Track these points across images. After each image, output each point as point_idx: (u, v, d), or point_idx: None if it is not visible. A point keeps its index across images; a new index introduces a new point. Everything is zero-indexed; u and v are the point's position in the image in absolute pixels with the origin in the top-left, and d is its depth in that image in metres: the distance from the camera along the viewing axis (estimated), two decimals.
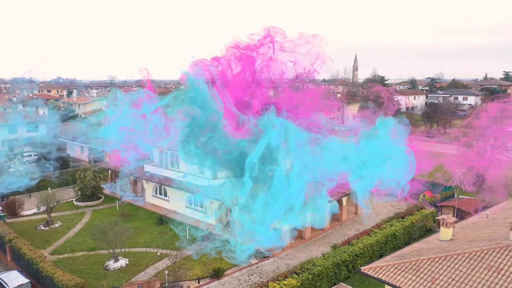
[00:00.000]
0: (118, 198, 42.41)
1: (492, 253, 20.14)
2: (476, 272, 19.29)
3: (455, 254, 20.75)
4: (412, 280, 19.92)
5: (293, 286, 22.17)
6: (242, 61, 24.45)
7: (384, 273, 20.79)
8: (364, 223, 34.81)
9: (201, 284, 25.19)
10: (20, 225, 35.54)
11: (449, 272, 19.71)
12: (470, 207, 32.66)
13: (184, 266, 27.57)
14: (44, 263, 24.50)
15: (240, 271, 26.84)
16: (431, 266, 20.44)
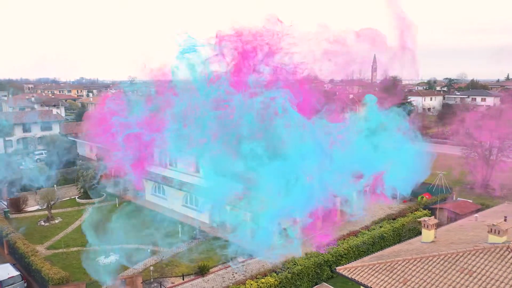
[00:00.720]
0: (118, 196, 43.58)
1: (467, 255, 20.01)
2: (449, 274, 19.22)
3: (430, 256, 20.69)
4: (384, 281, 19.97)
5: (270, 285, 22.47)
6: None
7: (358, 273, 20.88)
8: (357, 224, 34.69)
9: (186, 281, 25.71)
10: (22, 220, 36.87)
11: (422, 274, 19.68)
12: (465, 209, 32.22)
13: (172, 263, 28.21)
14: (35, 257, 25.50)
15: (225, 269, 27.26)
16: (405, 267, 20.44)
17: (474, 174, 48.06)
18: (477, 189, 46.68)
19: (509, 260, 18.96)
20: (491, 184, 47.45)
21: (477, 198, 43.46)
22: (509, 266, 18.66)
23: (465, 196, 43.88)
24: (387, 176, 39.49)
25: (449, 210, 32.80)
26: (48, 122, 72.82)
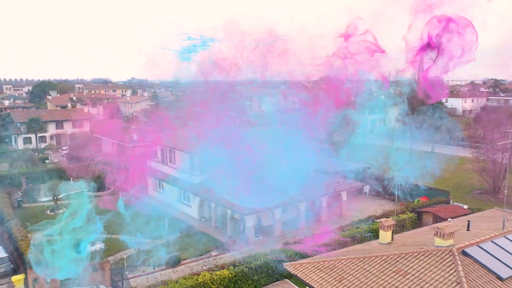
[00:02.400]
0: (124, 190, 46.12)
1: (408, 257, 19.96)
2: (384, 274, 19.32)
3: (372, 256, 20.79)
4: (322, 278, 20.36)
5: (224, 277, 23.43)
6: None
7: (301, 270, 21.37)
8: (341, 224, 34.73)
9: (155, 271, 27.23)
10: (32, 209, 40.16)
11: (359, 273, 19.89)
12: (449, 214, 31.44)
13: (150, 253, 29.83)
14: (23, 241, 28.01)
15: (196, 262, 28.49)
16: (346, 266, 20.68)
17: (486, 179, 46.24)
18: (488, 195, 44.95)
19: (447, 263, 18.76)
20: (502, 190, 45.48)
21: (480, 203, 41.97)
22: (444, 269, 18.49)
23: (471, 201, 42.48)
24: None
25: (434, 214, 32.12)
26: (80, 119, 77.66)
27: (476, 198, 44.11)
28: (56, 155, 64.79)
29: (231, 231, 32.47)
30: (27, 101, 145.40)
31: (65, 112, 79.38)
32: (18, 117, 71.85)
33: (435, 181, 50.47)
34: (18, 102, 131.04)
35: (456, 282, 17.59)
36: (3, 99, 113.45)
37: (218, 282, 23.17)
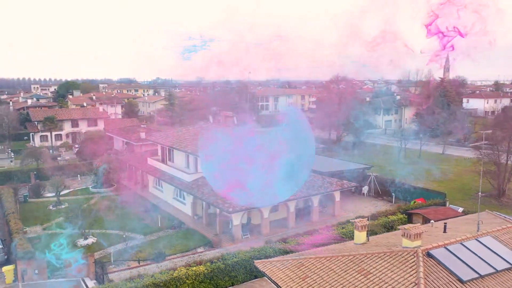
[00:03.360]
0: (127, 187, 47.39)
1: (374, 257, 20.01)
2: (347, 273, 19.44)
3: (339, 256, 20.91)
4: (287, 275, 20.62)
5: (199, 273, 23.98)
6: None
7: (270, 268, 21.68)
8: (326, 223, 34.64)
9: (140, 265, 28.04)
10: (37, 204, 41.83)
11: (323, 272, 20.06)
12: (439, 216, 30.99)
13: (137, 248, 30.74)
14: (18, 234, 29.37)
15: (181, 258, 29.14)
16: (312, 265, 20.87)
17: (491, 182, 45.15)
18: (492, 198, 43.91)
19: (410, 264, 18.74)
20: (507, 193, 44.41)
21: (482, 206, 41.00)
22: (406, 270, 18.48)
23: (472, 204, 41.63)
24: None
25: (423, 215, 31.76)
26: (94, 118, 79.95)
27: (476, 201, 43.08)
28: (68, 152, 66.94)
29: (221, 229, 33.01)
30: (51, 100, 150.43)
31: (80, 111, 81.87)
32: (36, 116, 74.63)
33: (439, 183, 49.89)
34: (42, 101, 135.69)
35: (414, 283, 17.59)
36: (26, 98, 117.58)
37: (193, 278, 23.73)
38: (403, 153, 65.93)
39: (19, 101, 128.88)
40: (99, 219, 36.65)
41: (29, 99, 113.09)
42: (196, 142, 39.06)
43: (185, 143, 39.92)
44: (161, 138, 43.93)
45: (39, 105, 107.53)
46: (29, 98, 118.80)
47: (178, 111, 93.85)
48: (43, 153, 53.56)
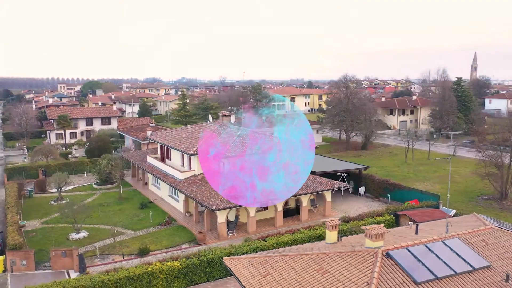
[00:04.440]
0: (130, 184, 48.79)
1: (334, 257, 20.13)
2: (305, 272, 19.64)
3: (303, 255, 21.09)
4: (250, 272, 20.96)
5: (174, 268, 24.62)
6: None
7: (236, 264, 22.06)
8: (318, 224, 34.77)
9: (124, 259, 28.94)
10: (40, 199, 43.55)
11: (284, 269, 20.31)
12: (425, 218, 30.62)
13: (125, 243, 31.69)
14: (11, 226, 30.79)
15: (165, 253, 29.86)
16: (275, 262, 21.14)
17: (493, 185, 44.01)
18: (494, 201, 42.84)
19: (367, 264, 18.78)
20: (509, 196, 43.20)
21: (482, 209, 40.16)
22: (362, 269, 18.54)
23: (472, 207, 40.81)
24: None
25: (410, 217, 31.44)
26: (108, 117, 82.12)
27: (479, 204, 42.22)
28: (80, 150, 69.04)
29: (208, 226, 33.63)
30: (74, 99, 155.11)
31: (95, 109, 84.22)
32: (52, 114, 77.29)
33: (442, 185, 48.98)
34: (64, 100, 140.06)
35: (367, 282, 17.66)
36: (48, 98, 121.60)
37: (167, 273, 24.39)
38: (412, 154, 64.91)
39: (43, 100, 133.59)
40: (95, 215, 37.95)
41: (51, 98, 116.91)
42: (191, 141, 39.88)
43: (180, 142, 40.71)
44: (160, 137, 44.90)
45: (59, 104, 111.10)
46: (51, 97, 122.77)
47: (190, 110, 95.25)
48: (52, 150, 55.51)
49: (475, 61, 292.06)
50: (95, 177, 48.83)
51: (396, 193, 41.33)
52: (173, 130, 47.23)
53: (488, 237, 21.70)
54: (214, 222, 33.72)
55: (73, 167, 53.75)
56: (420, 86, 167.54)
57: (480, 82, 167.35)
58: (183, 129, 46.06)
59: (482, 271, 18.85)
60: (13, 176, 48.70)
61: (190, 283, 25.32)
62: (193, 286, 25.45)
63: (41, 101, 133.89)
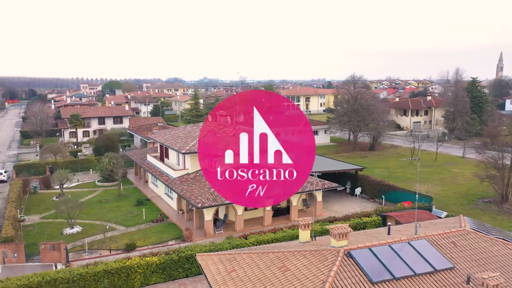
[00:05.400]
0: (132, 182, 49.99)
1: (298, 255, 20.39)
2: (268, 269, 19.98)
3: (270, 253, 21.42)
4: (217, 269, 21.43)
5: (152, 263, 25.33)
6: None
7: (206, 261, 22.54)
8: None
9: (111, 254, 29.87)
10: (44, 195, 45.16)
11: (249, 267, 20.70)
12: (412, 219, 30.40)
13: (115, 239, 32.66)
14: (7, 220, 32.20)
15: (151, 249, 30.61)
16: (242, 260, 21.53)
17: (494, 187, 43.09)
18: (493, 204, 41.98)
19: (327, 263, 18.98)
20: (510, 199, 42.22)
21: (479, 212, 39.49)
22: (321, 268, 18.77)
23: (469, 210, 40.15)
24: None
25: (395, 218, 31.27)
26: (120, 116, 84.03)
27: (477, 207, 41.45)
28: (90, 148, 70.90)
29: (197, 223, 34.27)
30: (94, 99, 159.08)
31: (107, 109, 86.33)
32: (65, 113, 79.67)
33: (443, 187, 48.29)
34: (84, 100, 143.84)
35: (322, 280, 17.89)
36: (67, 97, 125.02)
37: (145, 267, 25.12)
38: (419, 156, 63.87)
39: (63, 100, 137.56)
40: (92, 211, 39.17)
41: (69, 97, 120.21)
42: (186, 140, 40.64)
43: (176, 141, 41.51)
44: (159, 136, 45.86)
45: (76, 103, 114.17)
46: (69, 97, 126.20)
47: (202, 110, 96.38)
48: (60, 148, 57.33)
49: (501, 60, 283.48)
50: (98, 174, 50.22)
51: (390, 194, 41.03)
52: (172, 129, 48.18)
53: (459, 239, 21.53)
54: (203, 220, 34.30)
55: (79, 165, 55.41)
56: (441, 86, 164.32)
57: (502, 82, 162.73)
58: (182, 128, 46.92)
59: (444, 273, 18.78)
60: (21, 172, 50.62)
61: (168, 278, 25.97)
62: (172, 281, 26.09)
63: (61, 100, 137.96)
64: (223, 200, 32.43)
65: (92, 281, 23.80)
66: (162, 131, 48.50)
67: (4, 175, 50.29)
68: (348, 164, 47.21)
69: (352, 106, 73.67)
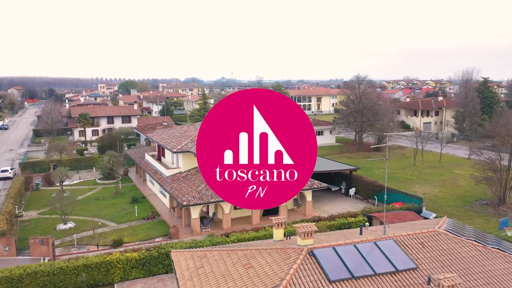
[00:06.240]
0: (131, 180, 51.03)
1: (265, 253, 20.70)
2: (234, 266, 20.37)
3: (238, 250, 21.80)
4: (187, 265, 21.92)
5: (132, 259, 26.01)
6: None
7: (179, 257, 23.04)
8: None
9: (98, 249, 30.73)
10: (45, 192, 46.56)
11: (216, 263, 21.12)
12: (394, 220, 30.31)
13: (104, 235, 33.55)
14: (2, 215, 33.44)
15: (139, 245, 31.35)
16: (212, 257, 21.96)
17: (492, 189, 42.35)
18: (490, 206, 41.30)
19: (289, 261, 19.27)
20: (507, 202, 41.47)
21: (474, 215, 38.98)
22: (282, 266, 19.06)
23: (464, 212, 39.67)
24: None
25: (379, 219, 31.23)
26: (128, 116, 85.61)
27: (473, 209, 40.87)
28: (96, 147, 72.53)
29: (186, 221, 34.90)
30: (109, 98, 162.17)
31: (116, 108, 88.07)
32: (75, 113, 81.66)
33: (441, 188, 47.73)
34: (99, 99, 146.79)
35: (281, 278, 18.19)
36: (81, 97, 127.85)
37: (124, 263, 25.81)
38: (421, 156, 63.28)
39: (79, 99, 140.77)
40: (87, 208, 40.25)
41: (82, 97, 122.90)
42: (180, 139, 41.32)
43: (171, 140, 42.24)
44: (156, 135, 46.71)
45: (90, 103, 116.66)
46: (83, 96, 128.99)
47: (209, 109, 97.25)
48: (65, 146, 58.90)
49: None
50: (99, 172, 51.45)
51: (383, 195, 40.75)
52: (170, 129, 48.99)
53: (428, 240, 21.51)
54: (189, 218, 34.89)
55: (83, 163, 56.81)
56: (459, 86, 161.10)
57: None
58: (179, 128, 47.66)
59: (406, 273, 18.84)
60: (27, 170, 52.25)
61: (148, 273, 26.60)
62: (151, 277, 26.71)
63: (76, 100, 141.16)
64: (209, 198, 32.92)
65: (72, 275, 24.63)
66: (160, 131, 49.36)
67: (10, 172, 52.00)
68: (342, 164, 47.13)
69: (356, 106, 73.28)
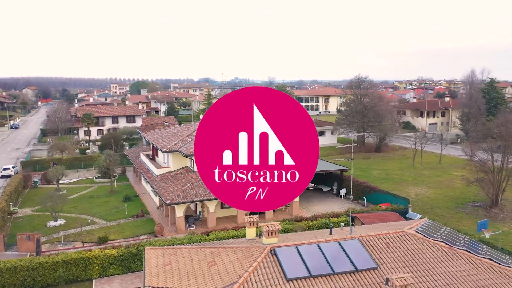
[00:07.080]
0: (128, 179, 51.86)
1: (229, 251, 21.10)
2: (198, 264, 20.83)
3: (206, 248, 22.22)
4: (157, 261, 22.41)
5: (110, 255, 26.66)
6: None
7: (152, 255, 23.55)
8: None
9: (84, 246, 31.47)
10: (43, 189, 47.64)
11: (183, 260, 21.59)
12: (375, 221, 30.34)
13: (92, 232, 34.33)
14: None
15: (124, 242, 31.95)
16: (181, 254, 22.44)
17: (484, 191, 41.88)
18: (482, 209, 40.87)
19: (251, 259, 19.61)
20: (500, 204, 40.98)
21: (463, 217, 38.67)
22: (244, 263, 19.42)
23: (455, 214, 39.39)
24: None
25: (360, 219, 31.27)
26: (133, 115, 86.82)
27: (464, 211, 40.51)
28: (91, 145, 73.79)
29: (172, 220, 35.46)
30: (119, 98, 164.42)
31: (121, 108, 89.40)
32: (80, 113, 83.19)
33: (435, 190, 47.37)
34: (109, 99, 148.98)
35: (239, 275, 18.55)
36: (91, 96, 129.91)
37: (103, 259, 26.47)
38: (421, 157, 62.78)
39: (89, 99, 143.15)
40: (80, 205, 41.17)
41: (91, 97, 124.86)
42: (171, 139, 41.93)
43: (163, 139, 42.88)
44: (151, 135, 47.44)
45: (99, 102, 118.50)
46: (92, 96, 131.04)
47: None
48: (67, 145, 60.15)
49: None
50: (96, 171, 52.46)
51: (372, 196, 40.82)
52: (163, 129, 49.67)
53: (394, 240, 21.62)
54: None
55: (83, 162, 57.95)
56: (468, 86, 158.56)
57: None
58: (173, 128, 48.31)
59: (365, 273, 19.02)
60: (27, 168, 53.59)
61: (127, 270, 27.20)
62: (130, 273, 27.30)
63: (87, 100, 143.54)
64: (193, 197, 33.41)
65: (50, 270, 25.37)
66: (155, 130, 50.10)
67: (12, 170, 53.36)
68: (333, 164, 47.13)
69: (357, 106, 73.03)
